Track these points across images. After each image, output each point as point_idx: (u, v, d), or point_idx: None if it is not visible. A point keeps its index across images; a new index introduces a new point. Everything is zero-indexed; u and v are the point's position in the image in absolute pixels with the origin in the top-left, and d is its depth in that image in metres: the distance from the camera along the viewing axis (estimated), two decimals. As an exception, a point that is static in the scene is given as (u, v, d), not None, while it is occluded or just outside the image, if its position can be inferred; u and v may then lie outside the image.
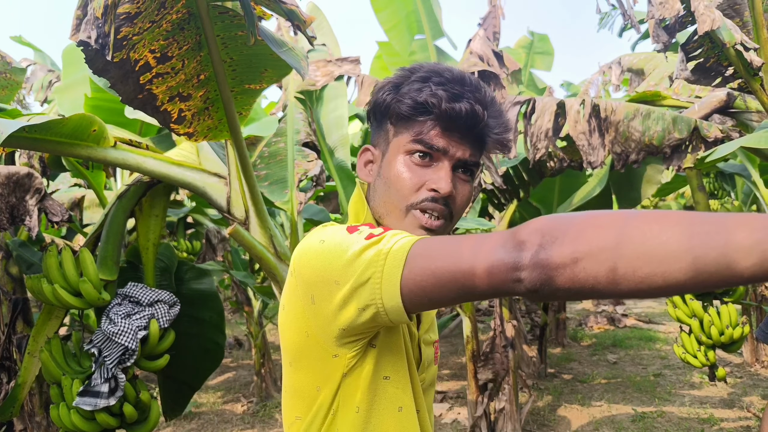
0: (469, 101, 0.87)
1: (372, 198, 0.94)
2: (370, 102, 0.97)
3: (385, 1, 4.07)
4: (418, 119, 0.88)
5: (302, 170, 2.62)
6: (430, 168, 0.89)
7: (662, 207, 9.49)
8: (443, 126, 0.88)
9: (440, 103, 0.86)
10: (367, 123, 1.02)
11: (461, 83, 0.89)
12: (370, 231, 0.80)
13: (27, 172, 2.41)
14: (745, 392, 5.02)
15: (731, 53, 2.45)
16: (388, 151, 0.92)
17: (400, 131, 0.91)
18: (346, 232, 0.81)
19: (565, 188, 4.30)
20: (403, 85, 0.90)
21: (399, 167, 0.89)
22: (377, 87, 0.96)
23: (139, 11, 1.56)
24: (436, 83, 0.87)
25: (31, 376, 2.32)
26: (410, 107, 0.88)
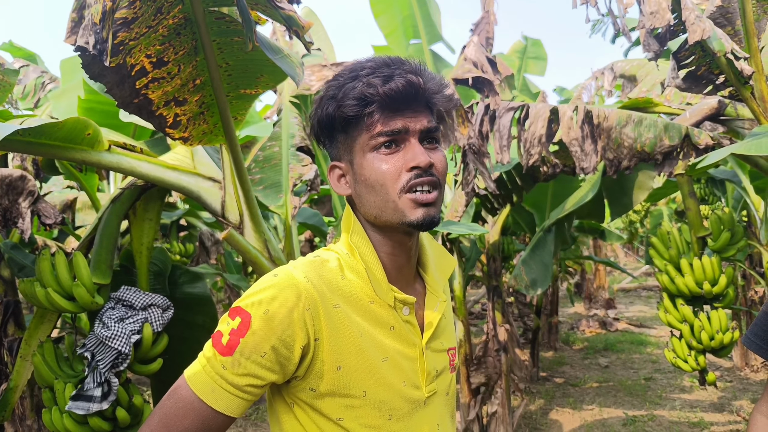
0: (401, 76, 0.89)
1: (360, 205, 0.95)
2: (312, 126, 0.98)
3: (384, 5, 4.08)
4: (365, 115, 0.89)
5: (297, 174, 2.62)
6: (399, 152, 0.90)
7: (654, 212, 9.55)
8: (391, 109, 0.89)
9: (377, 89, 0.87)
10: (319, 147, 1.03)
11: (387, 65, 0.91)
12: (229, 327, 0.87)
13: (20, 175, 2.40)
14: (734, 396, 5.06)
15: (722, 62, 2.48)
16: (353, 158, 0.93)
17: (355, 134, 0.92)
18: (227, 315, 0.90)
19: (558, 193, 4.33)
20: (337, 93, 0.91)
21: (373, 165, 0.90)
22: (312, 111, 0.97)
23: (136, 16, 1.57)
24: (366, 74, 0.89)
25: (23, 380, 2.30)
26: (353, 106, 0.89)
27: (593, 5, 2.88)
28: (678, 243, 2.93)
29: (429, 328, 0.98)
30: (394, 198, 0.89)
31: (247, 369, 0.85)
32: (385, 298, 0.93)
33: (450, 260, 1.10)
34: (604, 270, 9.77)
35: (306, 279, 0.88)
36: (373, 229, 0.96)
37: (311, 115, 0.98)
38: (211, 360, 0.86)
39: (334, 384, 0.89)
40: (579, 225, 5.72)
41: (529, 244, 3.99)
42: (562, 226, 3.99)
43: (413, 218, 0.90)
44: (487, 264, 4.23)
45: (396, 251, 0.96)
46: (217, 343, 0.87)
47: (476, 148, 2.88)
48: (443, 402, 1.01)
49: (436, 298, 1.01)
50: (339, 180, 0.97)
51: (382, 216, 0.92)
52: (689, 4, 2.49)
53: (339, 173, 0.96)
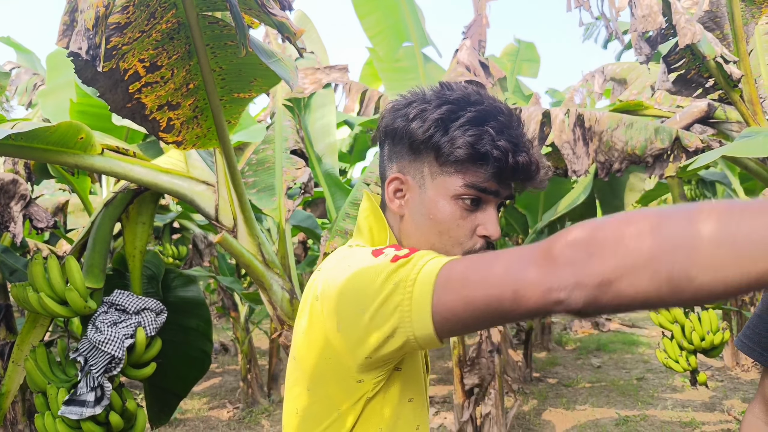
0: (527, 152, 0.84)
1: (403, 228, 0.90)
2: (395, 123, 0.89)
3: (369, 7, 4.08)
4: (472, 165, 0.84)
5: (290, 177, 2.63)
6: (477, 211, 0.86)
7: (645, 213, 9.60)
8: (500, 174, 0.84)
9: (506, 157, 0.82)
10: (379, 141, 0.94)
11: (513, 127, 0.85)
12: (395, 253, 0.75)
13: (12, 179, 2.39)
14: (726, 396, 5.10)
15: (712, 65, 2.51)
16: (428, 188, 0.87)
17: (449, 172, 0.85)
18: (371, 256, 0.77)
19: (550, 195, 4.36)
20: (451, 122, 0.83)
21: (450, 211, 0.85)
22: (408, 109, 0.88)
23: (129, 21, 1.57)
24: (496, 130, 0.82)
25: (15, 385, 2.29)
26: (468, 155, 0.82)
27: (587, 8, 2.91)
28: (669, 245, 2.96)
29: None
30: (451, 250, 0.86)
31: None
32: None
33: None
34: (597, 271, 9.81)
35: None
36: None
37: (391, 111, 0.90)
38: (420, 253, 0.74)
39: (413, 364, 0.88)
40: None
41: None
42: (555, 228, 4.01)
43: None
44: (480, 266, 4.24)
45: None
46: (404, 255, 0.74)
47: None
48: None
49: None
50: (395, 194, 0.90)
51: (424, 248, 0.87)
52: (679, 8, 2.51)
53: (398, 186, 0.90)
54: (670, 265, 0.52)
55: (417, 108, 0.87)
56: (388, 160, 0.92)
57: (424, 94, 0.90)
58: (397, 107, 0.90)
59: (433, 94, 0.89)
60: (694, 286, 0.52)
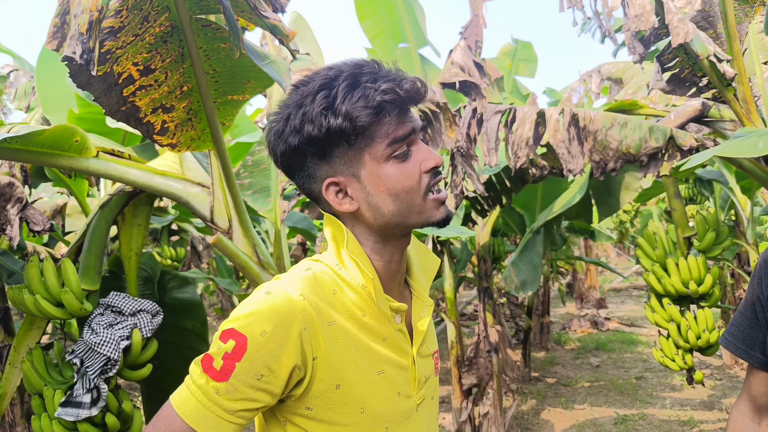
0: (406, 80, 0.87)
1: (373, 217, 0.91)
2: (284, 151, 0.90)
3: (369, 9, 4.10)
4: (378, 122, 0.86)
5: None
6: (412, 155, 0.90)
7: (643, 212, 9.62)
8: (401, 113, 0.88)
9: (396, 94, 0.85)
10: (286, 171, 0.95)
11: (379, 69, 0.88)
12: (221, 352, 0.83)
13: (8, 182, 2.40)
14: (724, 394, 5.11)
15: (705, 64, 2.51)
16: (362, 170, 0.89)
17: (365, 144, 0.87)
18: (217, 338, 0.85)
19: (547, 194, 4.36)
20: (332, 103, 0.85)
21: (393, 172, 0.88)
22: (288, 125, 0.88)
23: (122, 25, 1.58)
24: (371, 80, 0.86)
25: (12, 387, 2.30)
26: (370, 115, 0.85)
27: (579, 8, 2.92)
28: (664, 243, 2.97)
29: (419, 335, 0.98)
30: (420, 202, 0.89)
31: (243, 393, 0.81)
32: (383, 308, 0.91)
33: (433, 259, 1.07)
34: (595, 270, 9.83)
35: (302, 297, 0.85)
36: (374, 239, 0.93)
37: (277, 138, 0.90)
38: (203, 387, 0.82)
39: (332, 402, 0.87)
40: (569, 225, 5.76)
41: (518, 246, 4.02)
42: (551, 228, 4.02)
43: (438, 217, 0.91)
44: (477, 265, 4.26)
45: (394, 258, 0.95)
46: (208, 368, 0.82)
47: (464, 151, 2.90)
48: (430, 406, 1.02)
49: (422, 303, 1.00)
50: (338, 196, 0.91)
51: (405, 222, 0.90)
52: (672, 7, 2.52)
53: (336, 190, 0.91)
54: None
55: (297, 117, 0.87)
56: (309, 178, 0.92)
57: (288, 103, 0.91)
58: (278, 132, 0.90)
59: (297, 97, 0.89)
60: None
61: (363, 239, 0.93)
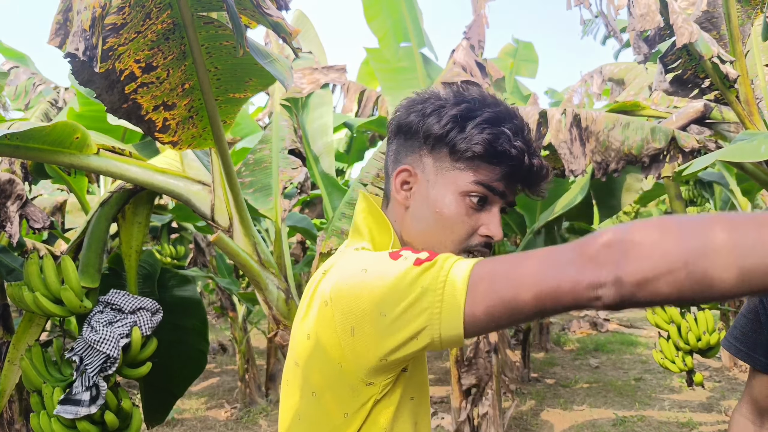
0: (539, 157, 0.86)
1: (405, 222, 0.90)
2: (409, 118, 0.89)
3: (376, 10, 4.12)
4: (486, 163, 0.85)
5: (287, 177, 2.63)
6: (482, 211, 0.87)
7: (643, 214, 9.62)
8: (511, 175, 0.86)
9: (522, 157, 0.84)
10: (389, 135, 0.94)
11: (527, 131, 0.87)
12: (417, 256, 0.74)
13: (8, 179, 2.39)
14: (723, 396, 5.11)
15: (708, 66, 2.51)
16: (437, 183, 0.87)
17: (460, 168, 0.86)
18: (389, 258, 0.76)
19: (549, 194, 4.35)
20: (468, 119, 0.85)
21: (456, 208, 0.86)
22: (424, 105, 0.88)
23: (125, 22, 1.57)
24: (513, 131, 0.84)
25: (11, 384, 2.29)
26: (485, 151, 0.83)
27: (586, 6, 2.91)
28: (665, 245, 2.96)
29: None
30: (452, 247, 0.87)
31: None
32: None
33: None
34: (595, 271, 9.80)
35: None
36: (401, 242, 0.93)
37: (413, 105, 0.90)
38: (443, 257, 0.73)
39: (420, 362, 0.89)
40: (570, 226, 5.75)
41: (518, 247, 4.01)
42: (552, 229, 4.01)
43: None
44: (477, 266, 4.24)
45: None
46: (425, 259, 0.73)
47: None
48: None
49: None
50: (402, 186, 0.90)
51: (425, 245, 0.88)
52: (676, 8, 2.52)
53: (406, 178, 0.90)
54: (703, 266, 0.57)
55: (434, 104, 0.88)
56: (396, 154, 0.92)
57: (437, 92, 0.91)
58: (413, 103, 0.91)
59: (449, 93, 0.90)
60: (723, 285, 0.57)
61: (406, 240, 0.93)
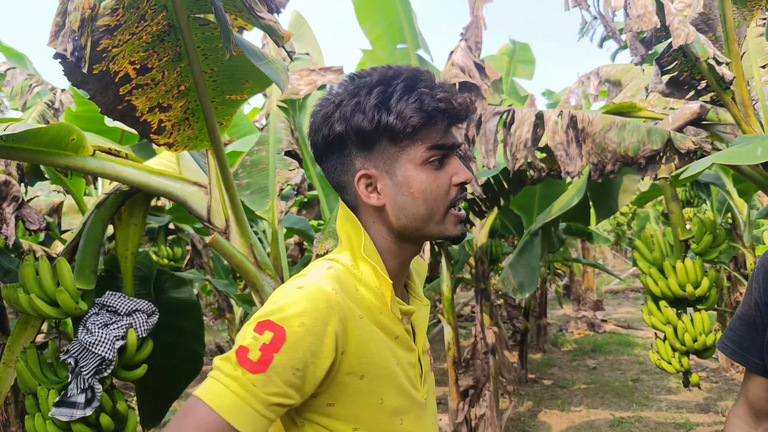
0: (461, 95, 0.91)
1: (389, 217, 0.93)
2: (335, 129, 0.90)
3: (368, 11, 4.12)
4: (425, 128, 0.89)
5: (284, 179, 2.62)
6: (445, 167, 0.92)
7: (640, 214, 9.63)
8: (448, 125, 0.91)
9: (450, 105, 0.88)
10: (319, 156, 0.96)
11: (433, 77, 0.91)
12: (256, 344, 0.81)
13: (4, 180, 2.39)
14: (720, 397, 5.11)
15: (704, 67, 2.51)
16: (397, 169, 0.91)
17: (408, 145, 0.90)
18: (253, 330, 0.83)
19: (545, 195, 4.36)
20: (388, 100, 0.87)
21: (425, 178, 0.90)
22: (340, 111, 0.90)
23: (119, 24, 1.57)
24: (429, 87, 0.88)
25: (7, 386, 2.29)
26: (422, 119, 0.87)
27: (585, 8, 2.92)
28: (661, 246, 2.97)
29: (421, 333, 1.02)
30: (442, 212, 0.92)
31: (278, 387, 0.80)
32: (395, 312, 0.94)
33: (423, 264, 1.13)
34: (593, 272, 9.82)
35: (334, 290, 0.86)
36: (391, 239, 0.95)
37: (324, 121, 0.92)
38: (239, 379, 0.79)
39: (355, 393, 0.89)
40: (567, 227, 5.76)
41: (516, 248, 4.02)
42: (549, 230, 4.01)
43: (454, 233, 0.93)
44: (475, 267, 4.25)
45: (405, 262, 0.98)
46: (244, 360, 0.80)
47: (463, 153, 2.90)
48: (433, 402, 1.05)
49: (420, 302, 1.04)
50: (368, 189, 0.93)
51: (424, 228, 0.92)
52: (672, 9, 2.52)
53: (367, 182, 0.93)
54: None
55: (350, 104, 0.89)
56: (342, 167, 0.94)
57: (341, 91, 0.92)
58: (326, 115, 0.92)
59: (352, 86, 0.91)
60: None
61: (380, 238, 0.95)
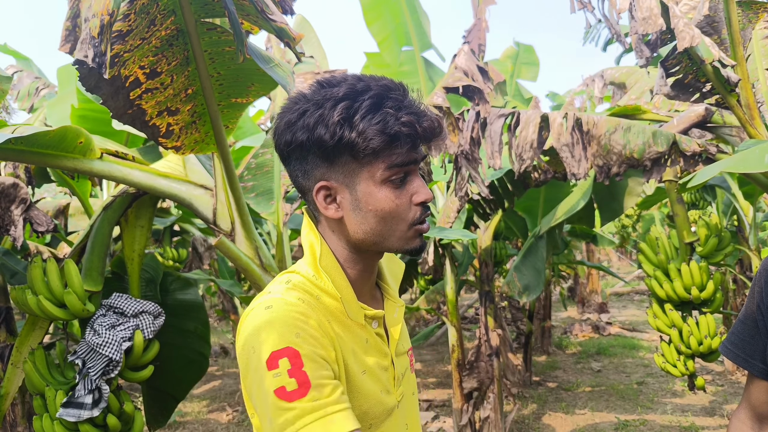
0: (427, 116, 0.89)
1: (348, 229, 0.93)
2: (297, 137, 0.89)
3: (376, 14, 4.14)
4: (387, 148, 0.87)
5: (288, 181, 2.64)
6: (406, 185, 0.91)
7: (645, 216, 9.61)
8: (412, 145, 0.90)
9: (414, 129, 0.87)
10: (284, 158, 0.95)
11: (406, 98, 0.89)
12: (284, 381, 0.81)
13: (12, 183, 2.41)
14: (725, 400, 5.09)
15: (709, 70, 2.51)
16: (357, 184, 0.90)
17: (369, 162, 0.88)
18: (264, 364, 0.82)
19: (550, 197, 4.36)
20: (352, 117, 0.86)
21: (384, 196, 0.89)
22: (304, 120, 0.88)
23: (130, 29, 1.59)
24: (395, 108, 0.87)
25: (14, 387, 2.31)
26: (383, 142, 0.86)
27: (590, 10, 2.92)
28: (666, 249, 2.96)
29: (394, 335, 1.02)
30: (404, 229, 0.92)
31: (330, 383, 0.83)
32: (356, 318, 0.94)
33: (399, 264, 1.14)
34: (597, 274, 9.81)
35: (300, 299, 0.88)
36: (349, 249, 0.95)
37: (287, 128, 0.91)
38: (303, 409, 0.80)
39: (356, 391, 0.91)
40: (571, 230, 5.76)
41: (521, 251, 4.02)
42: (554, 232, 4.01)
43: (414, 246, 0.94)
44: (479, 269, 4.26)
45: (368, 269, 0.98)
46: (289, 396, 0.81)
47: (469, 155, 2.91)
48: (410, 402, 1.05)
49: (394, 304, 1.04)
50: (326, 200, 0.92)
51: (382, 243, 0.93)
52: (677, 12, 2.52)
53: (327, 193, 0.92)
54: None
55: (313, 116, 0.88)
56: (304, 173, 0.93)
57: (307, 98, 0.91)
58: (290, 122, 0.91)
59: (318, 96, 0.89)
60: None
61: (339, 248, 0.95)
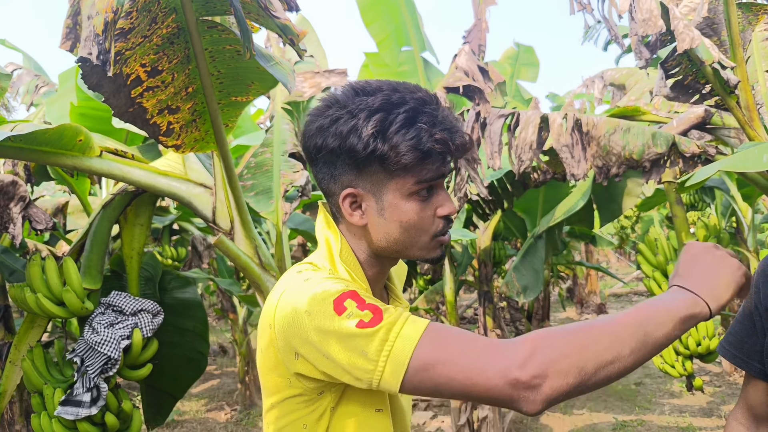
0: (460, 133, 0.90)
1: (371, 236, 0.94)
2: (328, 143, 0.89)
3: (375, 14, 4.15)
4: (419, 163, 0.88)
5: (288, 180, 2.64)
6: (431, 197, 0.92)
7: (644, 217, 9.62)
8: (443, 161, 0.90)
9: (447, 146, 0.87)
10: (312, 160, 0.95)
11: (440, 113, 0.89)
12: (360, 314, 0.80)
13: (11, 180, 2.41)
14: (723, 401, 5.10)
15: (708, 71, 2.52)
16: (384, 194, 0.91)
17: (399, 175, 0.89)
18: (333, 311, 0.81)
19: (549, 198, 4.36)
20: (386, 130, 0.86)
21: (411, 208, 0.90)
22: (336, 127, 0.88)
23: (132, 27, 1.58)
24: (429, 124, 0.87)
25: (12, 385, 2.30)
26: (415, 158, 0.86)
27: (589, 12, 2.92)
28: (665, 250, 2.97)
29: None
30: (427, 240, 0.93)
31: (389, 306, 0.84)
32: None
33: (402, 265, 1.16)
34: (596, 275, 9.82)
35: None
36: (369, 253, 0.96)
37: (319, 132, 0.90)
38: (386, 325, 0.80)
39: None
40: (570, 230, 5.76)
41: (520, 251, 4.02)
42: (553, 233, 4.01)
43: (434, 256, 0.96)
44: (478, 269, 4.26)
45: (383, 271, 1.00)
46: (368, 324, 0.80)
47: (468, 155, 2.91)
48: (407, 398, 1.08)
49: (399, 304, 1.07)
50: (351, 206, 0.93)
51: (404, 252, 0.95)
52: (677, 13, 2.53)
53: (353, 200, 0.93)
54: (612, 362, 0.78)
55: (347, 125, 0.88)
56: (331, 177, 0.93)
57: (341, 104, 0.90)
58: (323, 126, 0.90)
59: (352, 104, 0.89)
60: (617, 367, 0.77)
61: (359, 251, 0.97)
